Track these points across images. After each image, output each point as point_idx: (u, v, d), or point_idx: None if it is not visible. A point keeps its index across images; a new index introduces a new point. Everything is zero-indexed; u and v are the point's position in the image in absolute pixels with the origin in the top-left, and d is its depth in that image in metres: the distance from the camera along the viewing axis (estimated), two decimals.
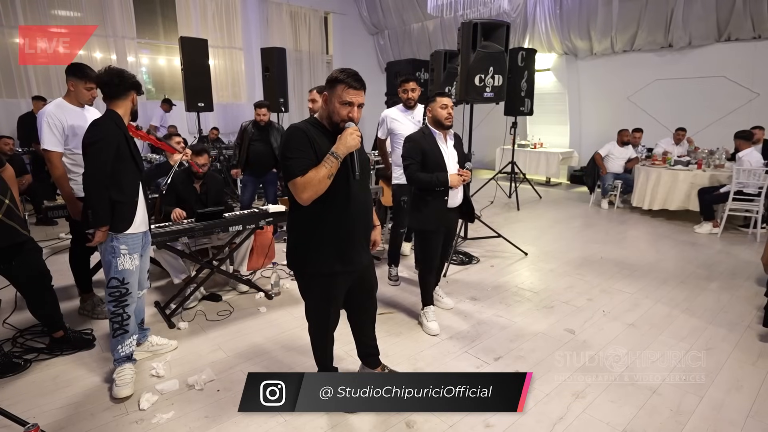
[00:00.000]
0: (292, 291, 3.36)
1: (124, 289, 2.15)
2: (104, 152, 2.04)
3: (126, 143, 2.12)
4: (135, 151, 2.19)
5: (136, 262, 2.19)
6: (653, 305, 3.13)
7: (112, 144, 2.06)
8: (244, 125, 4.46)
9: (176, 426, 1.93)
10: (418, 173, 2.58)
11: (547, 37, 7.79)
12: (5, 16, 6.34)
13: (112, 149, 2.06)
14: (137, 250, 2.20)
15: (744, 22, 6.01)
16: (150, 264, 2.58)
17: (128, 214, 2.13)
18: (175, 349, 2.54)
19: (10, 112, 6.45)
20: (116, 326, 2.18)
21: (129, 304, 2.19)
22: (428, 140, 2.63)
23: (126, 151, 2.12)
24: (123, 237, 2.13)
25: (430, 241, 2.71)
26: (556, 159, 7.81)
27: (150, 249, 2.43)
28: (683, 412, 2.02)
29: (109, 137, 2.06)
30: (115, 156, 2.07)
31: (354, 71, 1.73)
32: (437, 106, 2.62)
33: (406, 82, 3.33)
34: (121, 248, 2.13)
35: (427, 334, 2.73)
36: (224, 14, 8.61)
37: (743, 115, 6.12)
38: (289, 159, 1.69)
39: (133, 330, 2.26)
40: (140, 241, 2.23)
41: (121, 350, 2.20)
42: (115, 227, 2.10)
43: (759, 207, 4.69)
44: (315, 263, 1.81)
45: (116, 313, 2.17)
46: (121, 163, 2.09)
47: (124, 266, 2.14)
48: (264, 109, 4.37)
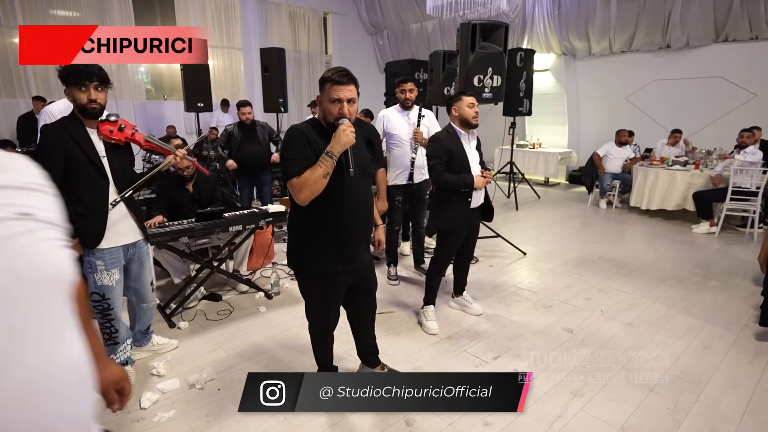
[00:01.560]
0: (292, 291, 3.37)
1: (105, 304, 2.08)
2: (44, 159, 1.82)
3: (78, 147, 1.90)
4: (94, 156, 1.95)
5: (116, 277, 2.07)
6: (651, 304, 3.15)
7: (56, 150, 1.86)
8: (229, 130, 4.44)
9: (177, 425, 1.94)
10: (445, 174, 2.55)
11: (546, 37, 7.81)
12: (5, 16, 6.34)
13: (57, 155, 1.86)
14: (116, 265, 2.07)
15: (741, 23, 6.04)
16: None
17: (94, 228, 1.96)
18: (176, 348, 2.55)
19: (10, 112, 6.45)
20: (106, 338, 2.15)
21: (113, 318, 2.12)
22: (454, 140, 2.60)
23: (79, 156, 1.90)
24: (98, 252, 2.00)
25: (449, 241, 2.72)
26: (554, 159, 7.83)
27: (148, 259, 2.31)
28: (680, 410, 2.03)
29: (49, 143, 1.89)
30: (67, 164, 1.88)
31: (341, 68, 1.73)
32: (464, 105, 2.58)
33: (404, 83, 3.34)
34: (97, 263, 2.01)
35: (426, 333, 2.74)
36: (223, 14, 8.61)
37: (741, 115, 6.14)
38: (287, 160, 1.70)
39: (124, 339, 2.21)
40: (120, 255, 2.09)
41: (115, 358, 2.18)
42: (84, 242, 1.96)
43: (756, 206, 4.71)
44: (315, 263, 1.82)
45: (104, 325, 2.12)
46: (75, 171, 1.90)
47: (102, 282, 2.04)
48: (248, 107, 4.37)
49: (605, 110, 7.82)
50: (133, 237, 2.13)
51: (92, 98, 1.90)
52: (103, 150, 2.00)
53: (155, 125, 7.53)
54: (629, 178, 5.99)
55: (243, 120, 4.34)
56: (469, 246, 2.88)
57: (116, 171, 2.02)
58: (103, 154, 1.99)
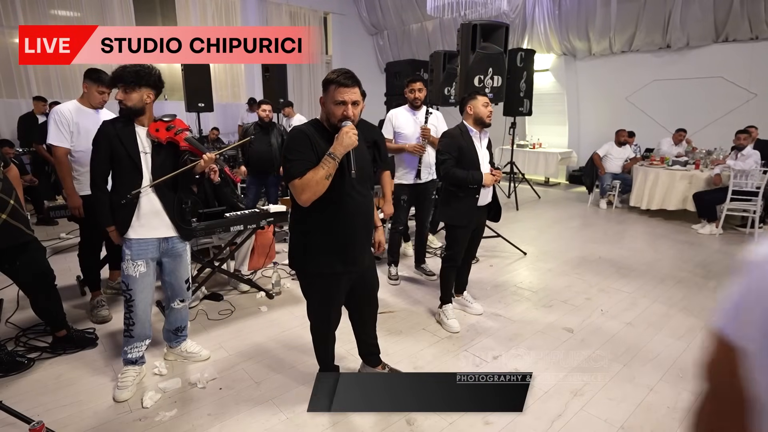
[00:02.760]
0: (293, 290, 3.38)
1: (128, 294, 2.12)
2: (95, 153, 2.07)
3: (119, 143, 2.05)
4: (133, 152, 2.06)
5: (142, 269, 2.10)
6: (651, 304, 3.16)
7: (102, 145, 2.06)
8: (245, 127, 4.47)
9: (179, 423, 1.95)
10: (455, 169, 2.61)
11: (546, 37, 7.81)
12: (5, 16, 6.34)
13: (103, 150, 2.06)
14: (142, 257, 2.11)
15: (741, 23, 6.05)
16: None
17: (123, 217, 2.08)
18: (207, 359, 2.46)
19: (11, 112, 6.45)
20: (125, 327, 2.18)
21: (134, 310, 2.13)
22: (465, 138, 2.66)
23: (120, 151, 2.05)
24: (128, 241, 2.09)
25: (458, 236, 2.75)
26: (554, 159, 7.85)
27: (185, 255, 2.27)
28: (680, 409, 2.04)
29: (99, 138, 2.07)
30: (111, 157, 2.06)
31: (345, 69, 1.75)
32: (479, 104, 2.64)
33: (413, 82, 3.35)
34: (126, 252, 2.10)
35: (448, 332, 2.75)
36: (224, 14, 8.63)
37: (741, 115, 6.15)
38: (290, 161, 1.71)
39: (140, 337, 2.19)
40: (149, 247, 2.12)
41: (129, 352, 2.19)
42: (119, 230, 2.10)
43: (757, 207, 4.72)
44: (316, 263, 1.83)
45: (126, 315, 2.16)
46: (116, 164, 2.07)
47: (128, 272, 2.10)
48: (268, 105, 4.39)
49: (605, 110, 7.83)
50: (165, 232, 2.16)
51: (119, 99, 2.06)
52: (149, 147, 2.10)
53: None
54: (629, 178, 6.00)
55: (262, 117, 4.36)
56: (472, 244, 2.89)
57: (156, 168, 2.09)
58: (147, 151, 2.09)
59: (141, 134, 2.10)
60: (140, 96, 2.05)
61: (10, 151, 5.07)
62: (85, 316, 2.95)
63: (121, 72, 2.04)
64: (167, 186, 2.13)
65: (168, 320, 2.40)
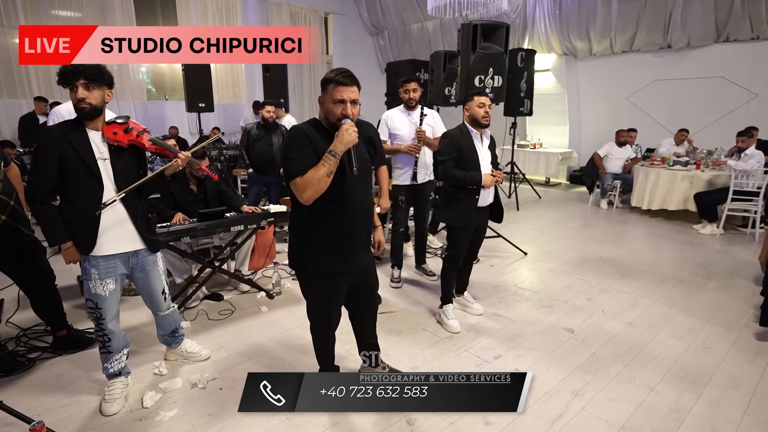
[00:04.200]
0: (293, 290, 3.38)
1: (98, 313, 1.98)
2: (39, 162, 1.82)
3: (72, 150, 1.82)
4: (89, 158, 1.85)
5: (111, 287, 1.96)
6: (651, 304, 3.16)
7: (50, 153, 1.81)
8: (247, 128, 4.48)
9: (180, 423, 1.95)
10: (453, 170, 2.61)
11: (547, 37, 7.81)
12: (6, 16, 6.35)
13: (50, 159, 1.81)
14: (111, 275, 1.95)
15: (742, 23, 6.04)
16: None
17: (86, 233, 1.87)
18: (207, 359, 2.46)
19: (11, 112, 6.46)
20: (99, 345, 2.08)
21: (105, 328, 2.00)
22: (465, 138, 2.65)
23: (73, 159, 1.82)
24: (92, 259, 1.91)
25: (458, 237, 2.74)
26: (555, 159, 7.84)
27: (155, 268, 2.14)
28: (681, 409, 2.04)
29: (46, 145, 1.83)
30: (61, 166, 1.82)
31: (344, 69, 1.74)
32: (474, 105, 2.64)
33: (407, 82, 3.33)
34: (92, 272, 1.92)
35: (449, 332, 2.75)
36: (224, 15, 8.63)
37: (742, 115, 6.15)
38: (290, 159, 1.71)
39: (118, 349, 2.09)
40: (117, 264, 1.97)
41: (109, 367, 2.08)
42: (79, 247, 1.90)
43: (758, 207, 4.71)
44: (316, 263, 1.82)
45: (98, 333, 2.04)
46: (69, 174, 1.83)
47: (96, 291, 1.94)
48: (270, 106, 4.39)
49: (606, 110, 7.83)
50: (132, 245, 1.99)
51: (80, 97, 1.80)
52: (106, 153, 1.90)
53: (156, 126, 7.54)
54: (630, 178, 5.99)
55: (266, 118, 4.36)
56: (474, 245, 2.89)
57: (118, 174, 1.90)
58: (105, 157, 1.89)
59: (95, 139, 1.88)
60: (102, 94, 1.86)
61: (12, 152, 5.07)
62: (85, 316, 2.95)
63: (81, 67, 1.82)
64: (133, 193, 1.94)
65: (161, 326, 2.35)
